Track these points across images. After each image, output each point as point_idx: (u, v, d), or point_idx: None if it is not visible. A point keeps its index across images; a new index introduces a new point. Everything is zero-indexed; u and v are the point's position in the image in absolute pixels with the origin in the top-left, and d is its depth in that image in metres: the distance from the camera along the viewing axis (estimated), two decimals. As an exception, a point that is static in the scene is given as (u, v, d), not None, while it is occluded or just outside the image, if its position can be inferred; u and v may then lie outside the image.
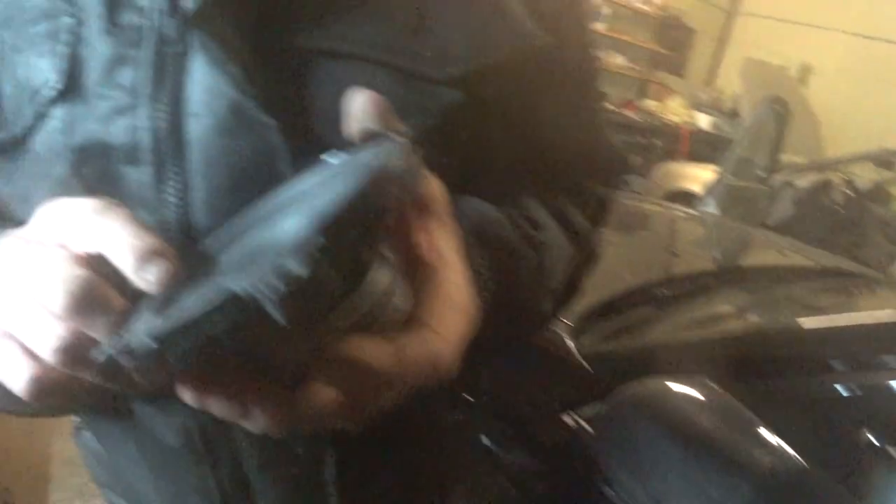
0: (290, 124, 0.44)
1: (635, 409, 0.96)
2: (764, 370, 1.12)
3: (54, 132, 0.47)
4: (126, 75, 0.45)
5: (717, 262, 1.85)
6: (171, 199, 0.46)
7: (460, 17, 0.49)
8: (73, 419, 0.68)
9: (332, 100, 0.44)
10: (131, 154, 0.45)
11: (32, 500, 1.77)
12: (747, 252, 2.09)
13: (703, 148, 5.08)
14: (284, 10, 0.46)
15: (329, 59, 0.46)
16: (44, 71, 0.47)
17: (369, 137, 0.38)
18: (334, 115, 0.44)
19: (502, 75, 0.50)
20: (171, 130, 0.45)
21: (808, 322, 1.40)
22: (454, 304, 0.37)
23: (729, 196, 2.97)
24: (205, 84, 0.44)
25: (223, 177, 0.45)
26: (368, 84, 0.44)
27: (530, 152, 0.57)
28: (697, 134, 5.37)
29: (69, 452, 1.60)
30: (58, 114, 0.46)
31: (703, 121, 5.52)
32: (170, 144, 0.45)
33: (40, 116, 0.47)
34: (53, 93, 0.46)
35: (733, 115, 5.36)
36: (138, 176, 0.45)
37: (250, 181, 0.45)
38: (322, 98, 0.46)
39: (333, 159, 0.38)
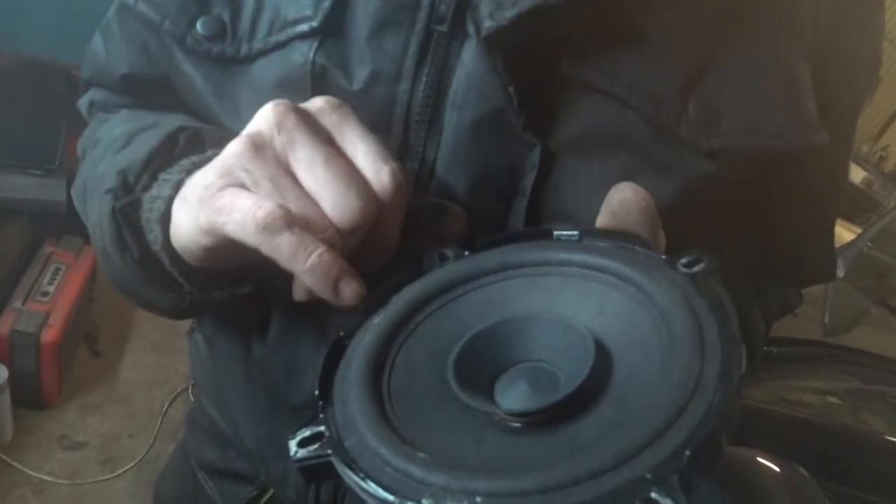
0: (542, 144, 0.41)
1: (717, 471, 0.92)
2: (856, 478, 1.07)
3: (293, 65, 0.43)
4: (391, 43, 0.41)
5: (826, 332, 1.78)
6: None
7: (745, 84, 0.42)
8: (192, 322, 0.71)
9: (580, 130, 0.41)
10: (380, 121, 0.42)
11: (113, 340, 1.96)
12: (861, 330, 1.99)
13: (847, 204, 4.80)
14: (562, 33, 0.41)
15: (583, 91, 0.41)
16: (302, 4, 0.43)
17: (630, 241, 0.32)
18: (578, 147, 0.41)
19: (763, 161, 0.43)
20: (428, 113, 0.42)
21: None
22: None
23: (859, 264, 2.69)
24: (474, 79, 0.40)
25: (465, 175, 0.42)
26: (614, 128, 0.41)
27: (744, 240, 0.51)
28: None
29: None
30: (302, 49, 0.43)
31: (856, 175, 5.01)
32: (422, 125, 0.42)
33: (279, 46, 0.44)
34: (307, 29, 0.43)
35: (892, 178, 4.99)
36: None
37: (490, 188, 0.42)
38: (571, 126, 0.41)
39: (611, 261, 0.31)
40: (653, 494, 0.22)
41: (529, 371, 0.30)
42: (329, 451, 0.28)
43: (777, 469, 0.91)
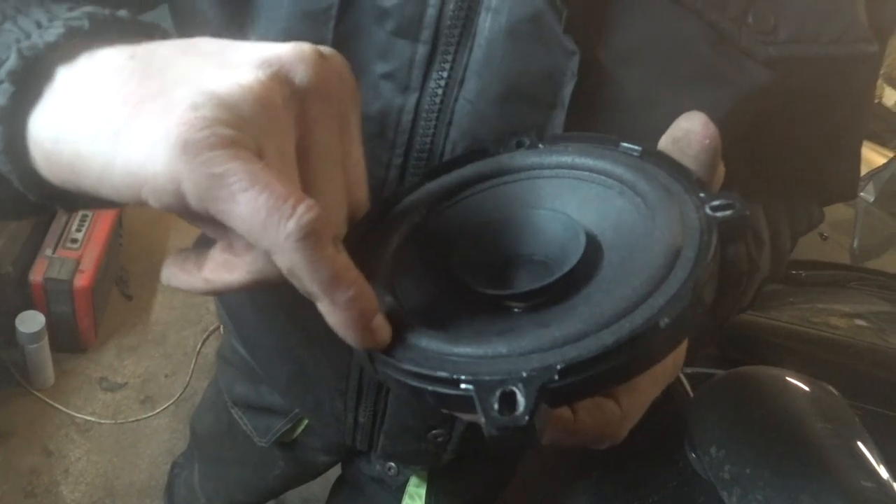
0: (586, 54, 0.39)
1: (748, 389, 0.92)
2: (884, 397, 1.08)
3: None
4: None
5: (855, 257, 1.76)
6: (434, 87, 0.41)
7: None
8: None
9: (635, 39, 0.39)
10: (409, 26, 0.40)
11: (144, 283, 1.99)
12: (891, 255, 1.96)
13: (879, 127, 4.65)
14: None
15: None
16: None
17: (684, 176, 0.32)
18: (631, 57, 0.40)
19: (814, 71, 0.42)
20: (462, 16, 0.39)
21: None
22: None
23: (890, 188, 2.71)
24: None
25: (499, 82, 0.40)
26: (675, 33, 0.39)
27: (790, 153, 0.51)
28: (877, 109, 4.92)
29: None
30: None
31: (889, 98, 4.93)
32: (455, 30, 0.40)
33: None
34: None
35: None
36: (408, 52, 0.41)
37: (525, 98, 0.41)
38: (625, 34, 0.40)
39: (649, 186, 0.32)
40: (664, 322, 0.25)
41: (532, 263, 0.33)
42: None
43: (807, 388, 0.91)
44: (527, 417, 0.24)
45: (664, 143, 0.33)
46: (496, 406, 0.24)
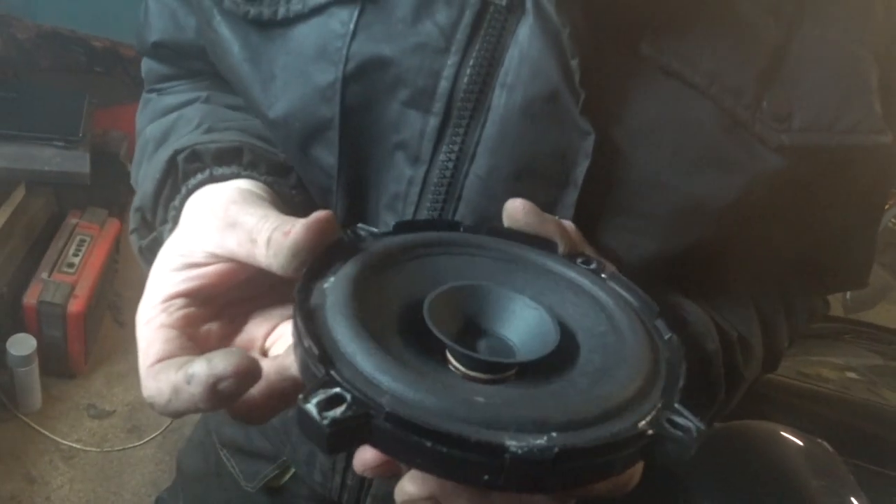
0: (600, 133, 0.39)
1: (742, 444, 0.92)
2: (876, 453, 1.08)
3: (331, 34, 0.41)
4: (443, 13, 0.39)
5: (848, 308, 1.77)
6: (444, 160, 0.41)
7: (817, 80, 0.40)
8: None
9: (647, 119, 0.40)
10: (421, 98, 0.40)
11: (137, 308, 1.84)
12: (883, 306, 1.96)
13: None
14: (642, 13, 0.39)
15: (661, 76, 0.39)
16: None
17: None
18: (643, 137, 0.40)
19: (826, 160, 0.42)
20: (475, 91, 0.39)
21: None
22: None
23: (883, 240, 2.68)
24: (528, 57, 0.38)
25: (511, 160, 0.40)
26: (688, 117, 0.39)
27: (801, 241, 0.50)
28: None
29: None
30: (342, 16, 0.41)
31: None
32: (468, 104, 0.40)
33: (317, 11, 0.42)
34: None
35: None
36: (419, 123, 0.41)
37: (537, 176, 0.41)
38: (637, 114, 0.40)
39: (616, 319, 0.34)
40: (674, 416, 0.28)
41: (495, 340, 0.32)
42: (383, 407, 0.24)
43: (801, 443, 0.91)
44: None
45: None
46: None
